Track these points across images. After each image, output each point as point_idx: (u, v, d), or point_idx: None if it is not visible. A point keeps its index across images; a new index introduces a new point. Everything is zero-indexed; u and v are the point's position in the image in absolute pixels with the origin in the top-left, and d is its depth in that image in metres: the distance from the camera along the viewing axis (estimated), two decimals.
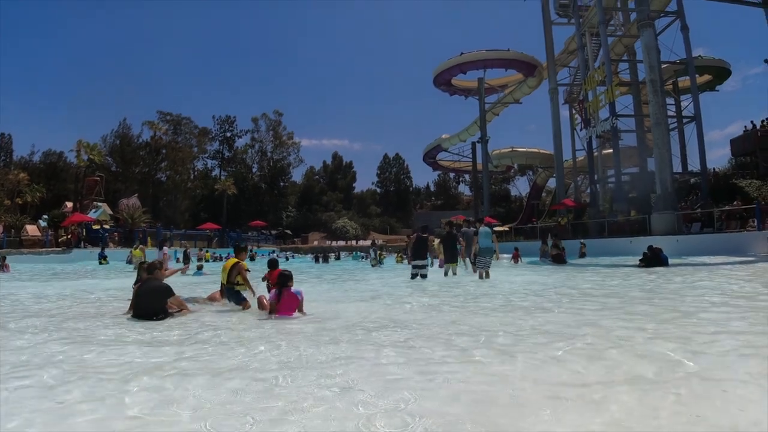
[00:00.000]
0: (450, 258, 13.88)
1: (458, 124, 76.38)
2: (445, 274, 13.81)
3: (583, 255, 22.96)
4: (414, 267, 13.14)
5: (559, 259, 19.58)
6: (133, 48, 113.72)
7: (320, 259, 30.23)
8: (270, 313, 6.79)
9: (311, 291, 9.93)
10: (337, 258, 33.48)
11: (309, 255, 36.85)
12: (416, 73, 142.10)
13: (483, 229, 13.21)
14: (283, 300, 6.84)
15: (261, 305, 7.09)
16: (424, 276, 12.85)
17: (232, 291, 7.87)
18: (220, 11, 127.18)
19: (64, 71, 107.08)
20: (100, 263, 26.14)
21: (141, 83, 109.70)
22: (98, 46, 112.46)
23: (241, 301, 7.82)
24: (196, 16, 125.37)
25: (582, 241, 24.22)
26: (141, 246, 21.58)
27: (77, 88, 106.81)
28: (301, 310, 7.00)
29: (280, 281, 7.03)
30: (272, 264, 8.91)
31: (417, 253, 13.22)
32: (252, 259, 32.51)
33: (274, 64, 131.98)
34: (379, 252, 24.86)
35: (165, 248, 17.71)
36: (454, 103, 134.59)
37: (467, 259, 15.12)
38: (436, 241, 16.46)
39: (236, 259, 8.19)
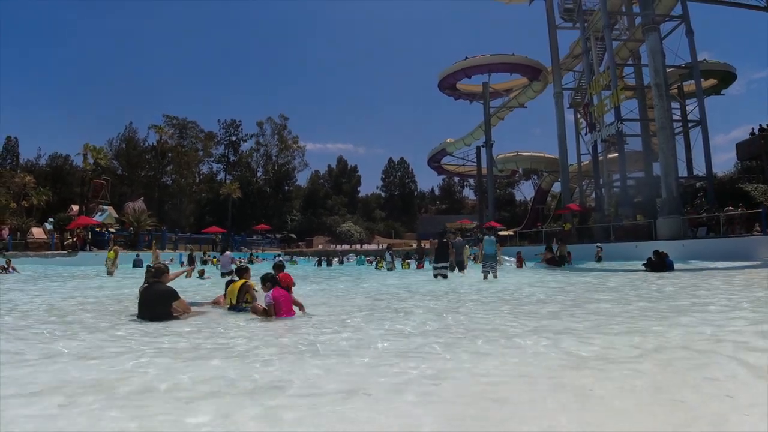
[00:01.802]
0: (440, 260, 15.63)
1: (463, 128, 76.18)
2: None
3: (599, 259, 22.83)
4: (435, 268, 14.84)
5: (553, 263, 20.14)
6: (139, 52, 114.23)
7: (323, 263, 30.32)
8: (269, 315, 6.83)
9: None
10: (340, 262, 33.44)
11: (315, 259, 36.70)
12: (421, 78, 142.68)
13: (488, 238, 15.12)
14: (279, 300, 6.95)
15: (255, 311, 7.12)
16: (444, 276, 14.53)
17: (240, 309, 7.86)
18: (224, 15, 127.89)
19: (70, 74, 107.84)
20: None
21: (147, 87, 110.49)
22: (105, 49, 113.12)
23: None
24: (201, 21, 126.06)
25: (598, 245, 24.05)
26: (115, 247, 21.34)
27: (83, 92, 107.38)
28: (300, 308, 7.12)
29: (268, 282, 7.17)
30: (278, 268, 8.94)
31: (439, 257, 14.91)
32: (251, 262, 32.59)
33: (279, 68, 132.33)
34: (394, 256, 25.00)
35: (228, 252, 18.85)
36: (458, 107, 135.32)
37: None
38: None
39: (243, 280, 8.21)
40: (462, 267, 17.30)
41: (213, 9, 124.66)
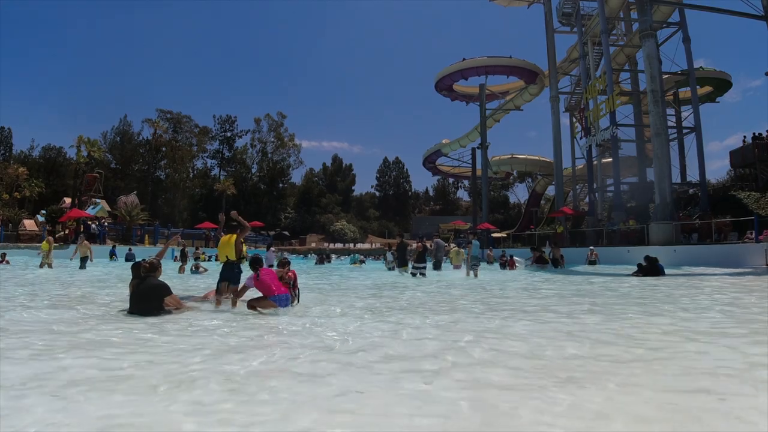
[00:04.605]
0: (401, 263, 17.97)
1: (459, 129, 76.61)
2: (401, 272, 17.57)
3: (592, 262, 22.89)
4: (414, 268, 16.42)
5: (541, 261, 21.35)
6: (136, 46, 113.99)
7: (324, 260, 30.72)
8: (262, 307, 7.03)
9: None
10: (329, 261, 33.46)
11: (315, 257, 36.88)
12: (418, 78, 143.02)
13: (475, 241, 17.19)
14: (263, 279, 7.05)
15: (250, 306, 7.19)
16: (423, 275, 15.93)
17: (237, 267, 7.81)
18: (222, 12, 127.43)
19: (66, 67, 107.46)
20: (110, 259, 26.74)
21: (143, 81, 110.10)
22: (101, 42, 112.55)
23: (237, 283, 7.74)
24: (198, 16, 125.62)
25: (592, 248, 24.17)
26: (49, 238, 20.33)
27: (79, 84, 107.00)
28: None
29: (253, 266, 7.21)
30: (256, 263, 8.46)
31: (419, 259, 16.53)
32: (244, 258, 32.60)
33: (275, 66, 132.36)
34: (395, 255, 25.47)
35: (273, 249, 19.99)
36: (455, 108, 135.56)
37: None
38: (453, 249, 21.66)
39: (234, 235, 8.11)
40: (439, 266, 19.11)
41: (211, 5, 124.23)
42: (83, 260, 19.01)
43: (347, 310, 7.53)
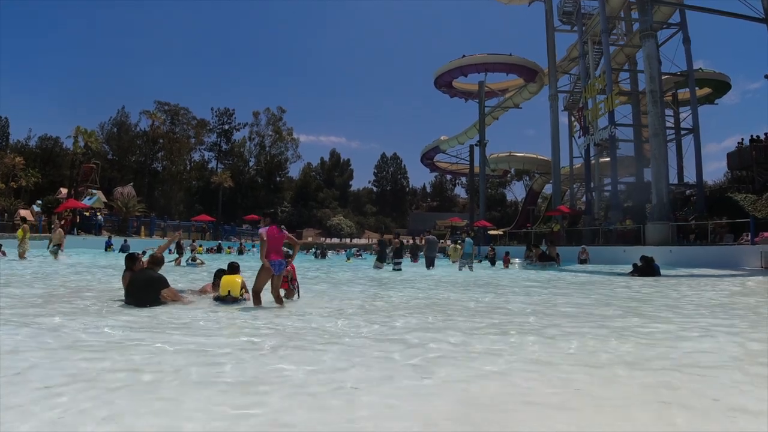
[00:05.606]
0: (380, 259, 18.89)
1: (457, 126, 76.58)
2: (380, 268, 18.36)
3: (583, 261, 22.93)
4: (394, 263, 17.87)
5: (544, 258, 21.55)
6: (135, 38, 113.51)
7: (319, 255, 30.84)
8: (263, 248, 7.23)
9: None
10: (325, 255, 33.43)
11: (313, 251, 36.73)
12: (417, 74, 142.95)
13: (467, 239, 18.69)
14: (270, 233, 7.20)
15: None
16: (399, 270, 17.24)
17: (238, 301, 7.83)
18: (222, 5, 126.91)
19: (64, 58, 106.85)
20: (106, 250, 26.75)
21: (141, 72, 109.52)
22: (101, 33, 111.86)
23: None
24: (198, 9, 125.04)
25: (583, 246, 24.23)
26: (24, 225, 19.90)
27: (77, 76, 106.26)
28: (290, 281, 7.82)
29: (268, 218, 7.44)
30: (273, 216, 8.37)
31: (397, 255, 18.16)
32: (241, 252, 32.78)
33: (274, 59, 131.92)
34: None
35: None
36: (453, 105, 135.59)
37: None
38: (451, 246, 22.64)
39: (240, 277, 8.08)
40: (432, 263, 19.31)
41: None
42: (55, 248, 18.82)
43: (346, 307, 7.57)
